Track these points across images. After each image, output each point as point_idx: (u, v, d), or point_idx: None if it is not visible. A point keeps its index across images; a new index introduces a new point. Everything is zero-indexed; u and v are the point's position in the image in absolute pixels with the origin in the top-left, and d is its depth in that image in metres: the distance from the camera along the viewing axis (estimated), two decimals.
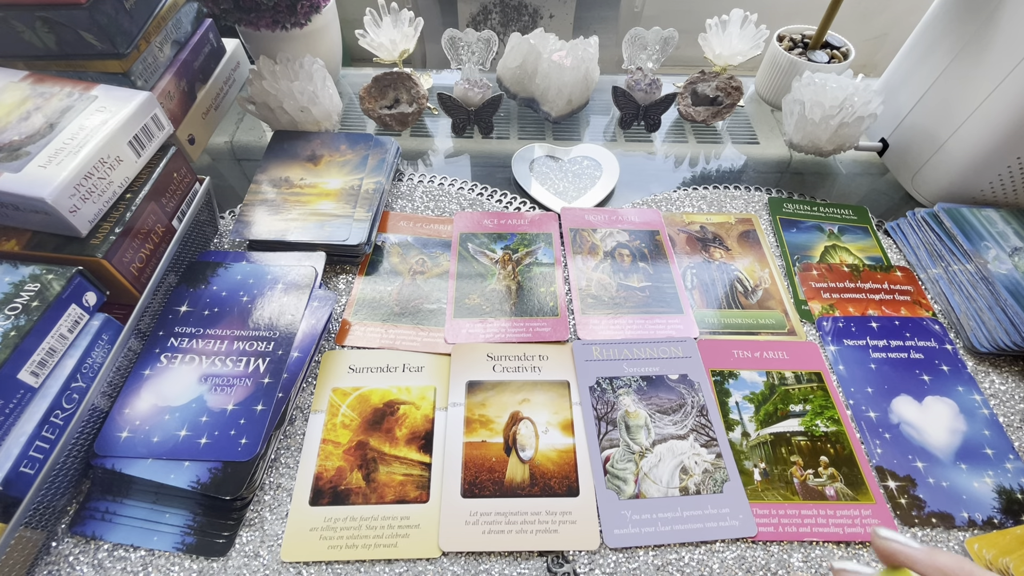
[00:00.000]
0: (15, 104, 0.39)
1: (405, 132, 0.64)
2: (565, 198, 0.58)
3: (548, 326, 0.47)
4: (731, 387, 0.44)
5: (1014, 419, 0.43)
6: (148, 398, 0.38)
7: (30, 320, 0.33)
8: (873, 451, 0.41)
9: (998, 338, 0.45)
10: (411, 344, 0.46)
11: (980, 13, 0.50)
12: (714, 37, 0.65)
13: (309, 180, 0.53)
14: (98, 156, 0.38)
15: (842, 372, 0.45)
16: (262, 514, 0.37)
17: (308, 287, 0.44)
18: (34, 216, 0.37)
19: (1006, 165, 0.51)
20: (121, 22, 0.48)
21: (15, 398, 0.33)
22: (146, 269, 0.42)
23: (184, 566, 0.35)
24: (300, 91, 0.55)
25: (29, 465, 0.32)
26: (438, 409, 0.42)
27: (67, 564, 0.34)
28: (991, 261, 0.48)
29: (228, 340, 0.41)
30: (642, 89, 0.63)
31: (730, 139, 0.66)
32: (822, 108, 0.55)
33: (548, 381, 0.43)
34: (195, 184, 0.48)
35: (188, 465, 0.36)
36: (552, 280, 0.50)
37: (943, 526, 0.37)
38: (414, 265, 0.51)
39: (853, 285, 0.51)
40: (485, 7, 0.92)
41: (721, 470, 0.39)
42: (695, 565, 0.36)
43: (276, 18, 0.57)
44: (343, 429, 0.41)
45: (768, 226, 0.56)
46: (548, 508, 0.37)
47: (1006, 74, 0.47)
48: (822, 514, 0.38)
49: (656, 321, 0.47)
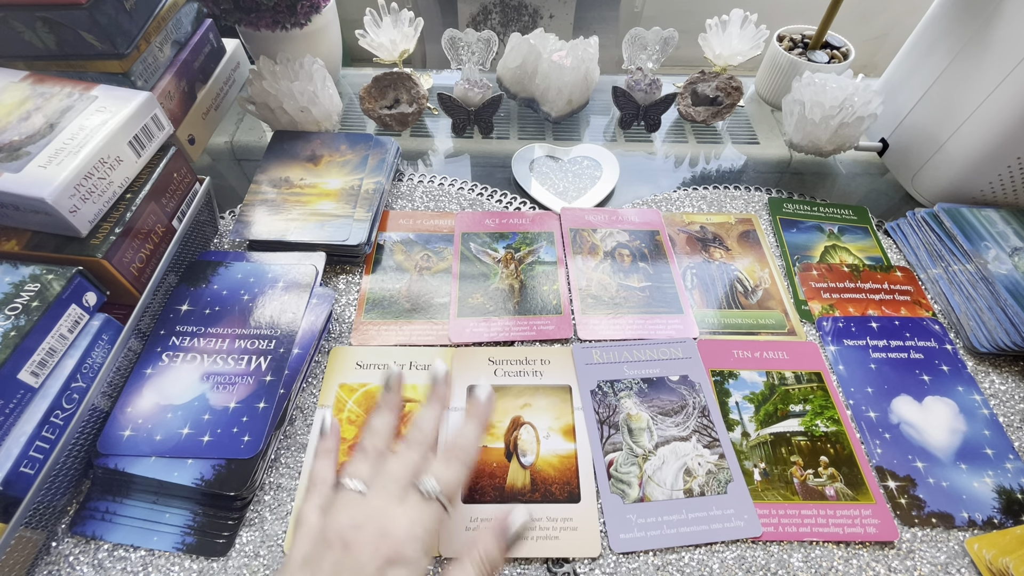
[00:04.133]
0: (15, 104, 0.39)
1: (405, 132, 0.64)
2: (565, 198, 0.58)
3: (552, 324, 0.47)
4: (731, 387, 0.44)
5: (1014, 419, 0.43)
6: (150, 397, 0.38)
7: (30, 320, 0.33)
8: (873, 451, 0.41)
9: (998, 338, 0.45)
10: (427, 339, 0.46)
11: (980, 13, 0.50)
12: (714, 37, 0.65)
13: (309, 180, 0.53)
14: (98, 156, 0.38)
15: (842, 372, 0.45)
16: (262, 514, 0.37)
17: (309, 286, 0.44)
18: (34, 216, 0.37)
19: (1006, 165, 0.51)
20: (121, 22, 0.48)
21: (15, 398, 0.33)
22: (146, 269, 0.42)
23: (184, 566, 0.35)
24: (300, 91, 0.55)
25: (29, 465, 0.32)
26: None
27: (67, 564, 0.34)
28: (991, 261, 0.48)
29: (229, 338, 0.41)
30: (642, 89, 0.63)
31: (730, 139, 0.66)
32: (822, 108, 0.55)
33: (550, 386, 0.43)
34: (195, 184, 0.48)
35: (191, 463, 0.36)
36: (555, 278, 0.50)
37: (943, 526, 0.37)
38: (419, 261, 0.51)
39: (853, 285, 0.51)
40: (485, 7, 0.92)
41: (724, 471, 0.39)
42: (695, 565, 0.36)
43: (276, 18, 0.57)
44: (349, 425, 0.41)
45: (768, 226, 0.56)
46: (549, 514, 0.37)
47: (1006, 74, 0.47)
48: (822, 514, 0.38)
49: (656, 321, 0.47)
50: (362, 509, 0.29)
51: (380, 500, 0.29)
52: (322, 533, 0.29)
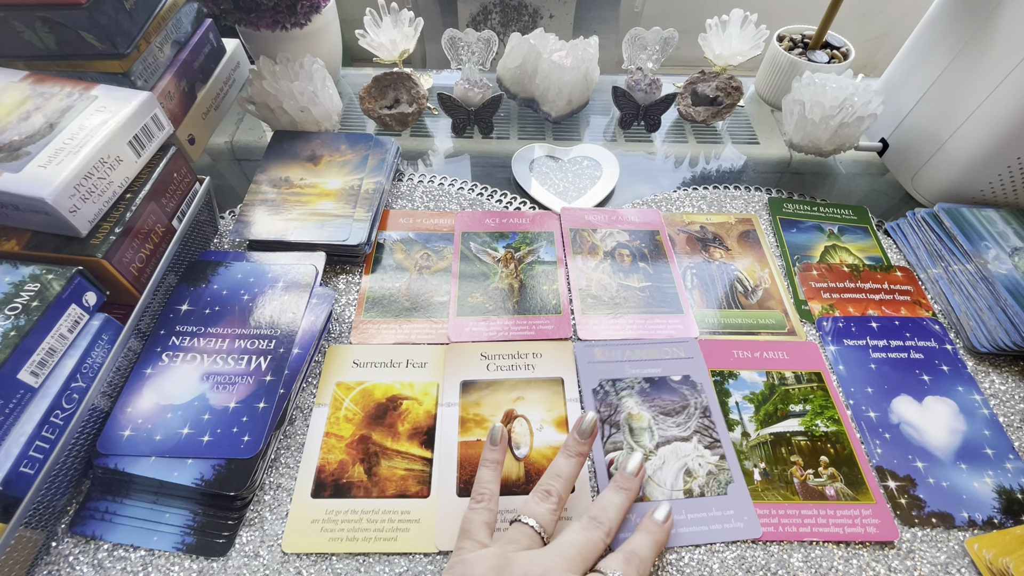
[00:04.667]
0: (15, 104, 0.39)
1: (405, 132, 0.64)
2: (565, 198, 0.58)
3: (551, 323, 0.47)
4: (731, 387, 0.44)
5: (1014, 419, 0.43)
6: (150, 397, 0.38)
7: (30, 320, 0.33)
8: (873, 451, 0.41)
9: (998, 338, 0.45)
10: (426, 338, 0.46)
11: (980, 13, 0.50)
12: (714, 37, 0.65)
13: (309, 180, 0.53)
14: (98, 156, 0.38)
15: (842, 372, 0.45)
16: (262, 514, 0.37)
17: (309, 285, 0.44)
18: (34, 216, 0.37)
19: (1006, 165, 0.51)
20: (121, 22, 0.48)
21: (15, 398, 0.33)
22: (146, 269, 0.42)
23: (184, 566, 0.35)
24: (300, 91, 0.55)
25: (29, 465, 0.32)
26: (440, 405, 0.42)
27: (67, 564, 0.34)
28: (991, 261, 0.48)
29: (229, 338, 0.41)
30: (642, 89, 0.63)
31: (730, 139, 0.66)
32: (822, 108, 0.55)
33: (542, 379, 0.43)
34: (195, 184, 0.48)
35: (191, 463, 0.36)
36: (554, 278, 0.50)
37: (943, 526, 0.37)
38: (419, 260, 0.51)
39: (853, 285, 0.51)
40: (485, 7, 0.92)
41: (725, 472, 0.39)
42: (695, 565, 0.36)
43: (276, 18, 0.57)
44: (346, 423, 0.41)
45: (768, 226, 0.56)
46: None
47: (1006, 74, 0.47)
48: (822, 514, 0.38)
49: (656, 321, 0.47)
50: (544, 566, 0.29)
51: (561, 564, 0.29)
52: (504, 570, 0.29)
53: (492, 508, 0.33)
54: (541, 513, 0.32)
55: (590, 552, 0.31)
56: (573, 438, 0.35)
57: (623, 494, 0.34)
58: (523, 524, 0.31)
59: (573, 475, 0.34)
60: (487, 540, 0.31)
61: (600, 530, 0.32)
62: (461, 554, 0.30)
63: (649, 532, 0.33)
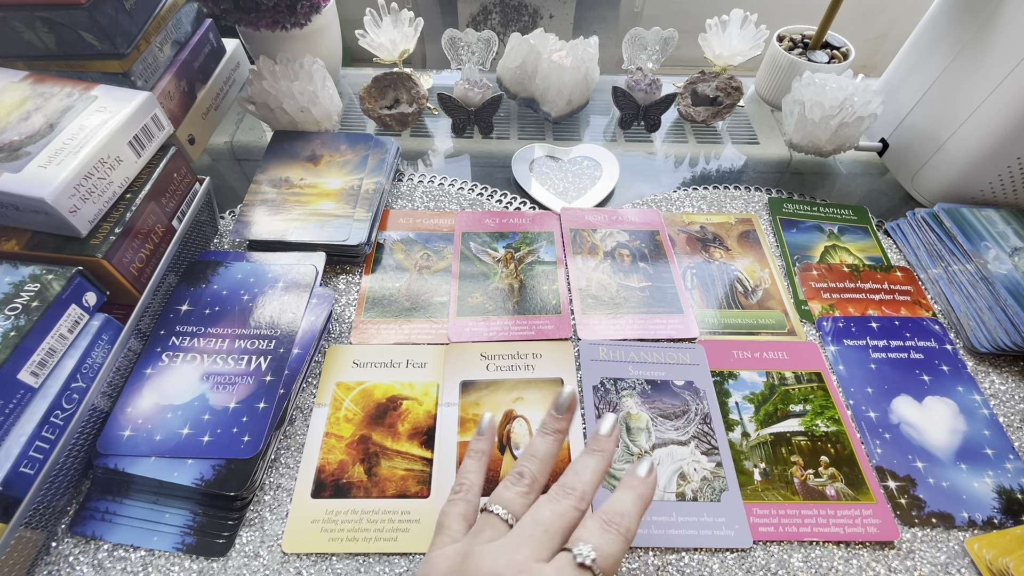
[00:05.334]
0: (15, 104, 0.39)
1: (405, 132, 0.64)
2: (565, 198, 0.58)
3: (551, 323, 0.47)
4: (731, 387, 0.44)
5: (1014, 419, 0.43)
6: (150, 397, 0.38)
7: (30, 320, 0.33)
8: (873, 451, 0.41)
9: (998, 338, 0.45)
10: (426, 338, 0.46)
11: (980, 13, 0.50)
12: (714, 37, 0.65)
13: (309, 180, 0.53)
14: (98, 156, 0.38)
15: (842, 372, 0.45)
16: (262, 514, 0.37)
17: (309, 286, 0.44)
18: (34, 216, 0.37)
19: (1006, 165, 0.51)
20: (121, 22, 0.48)
21: (15, 398, 0.33)
22: (146, 269, 0.42)
23: (184, 566, 0.35)
24: (300, 91, 0.55)
25: (29, 465, 0.32)
26: (440, 405, 0.42)
27: (67, 564, 0.34)
28: (991, 261, 0.48)
29: (229, 338, 0.41)
30: (642, 89, 0.63)
31: (730, 139, 0.66)
32: (822, 108, 0.55)
33: (542, 379, 0.43)
34: (195, 184, 0.48)
35: (191, 463, 0.36)
36: (554, 278, 0.50)
37: (943, 526, 0.37)
38: (419, 260, 0.51)
39: (853, 285, 0.51)
40: (485, 7, 0.92)
41: (720, 479, 0.39)
42: (695, 566, 0.36)
43: (276, 18, 0.57)
44: (346, 423, 0.41)
45: (768, 226, 0.56)
46: None
47: (1006, 74, 0.47)
48: (822, 514, 0.38)
49: (656, 321, 0.47)
50: (505, 558, 0.26)
51: (526, 550, 0.26)
52: (462, 568, 0.26)
53: (471, 500, 0.30)
54: (510, 499, 0.28)
55: (559, 527, 0.27)
56: (550, 415, 0.32)
57: (597, 456, 0.30)
58: (490, 513, 0.28)
59: (550, 455, 0.31)
60: (460, 534, 0.28)
61: (570, 498, 0.28)
62: (431, 551, 0.28)
63: (631, 487, 0.29)
